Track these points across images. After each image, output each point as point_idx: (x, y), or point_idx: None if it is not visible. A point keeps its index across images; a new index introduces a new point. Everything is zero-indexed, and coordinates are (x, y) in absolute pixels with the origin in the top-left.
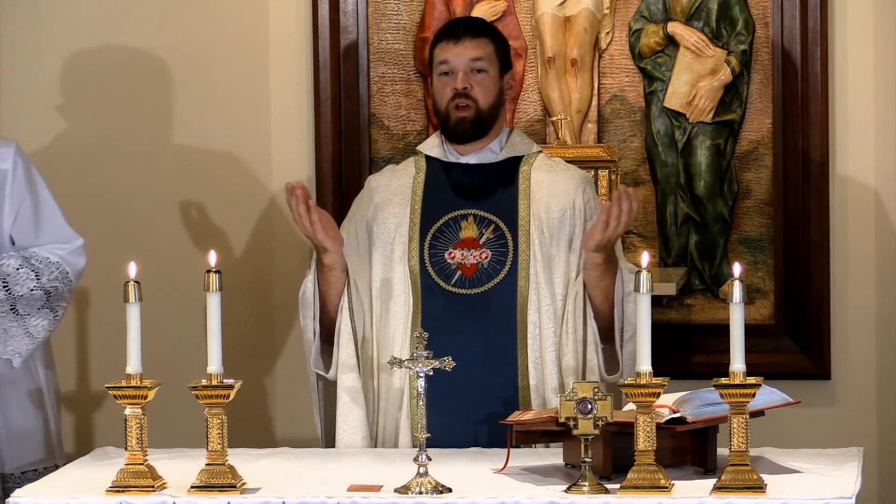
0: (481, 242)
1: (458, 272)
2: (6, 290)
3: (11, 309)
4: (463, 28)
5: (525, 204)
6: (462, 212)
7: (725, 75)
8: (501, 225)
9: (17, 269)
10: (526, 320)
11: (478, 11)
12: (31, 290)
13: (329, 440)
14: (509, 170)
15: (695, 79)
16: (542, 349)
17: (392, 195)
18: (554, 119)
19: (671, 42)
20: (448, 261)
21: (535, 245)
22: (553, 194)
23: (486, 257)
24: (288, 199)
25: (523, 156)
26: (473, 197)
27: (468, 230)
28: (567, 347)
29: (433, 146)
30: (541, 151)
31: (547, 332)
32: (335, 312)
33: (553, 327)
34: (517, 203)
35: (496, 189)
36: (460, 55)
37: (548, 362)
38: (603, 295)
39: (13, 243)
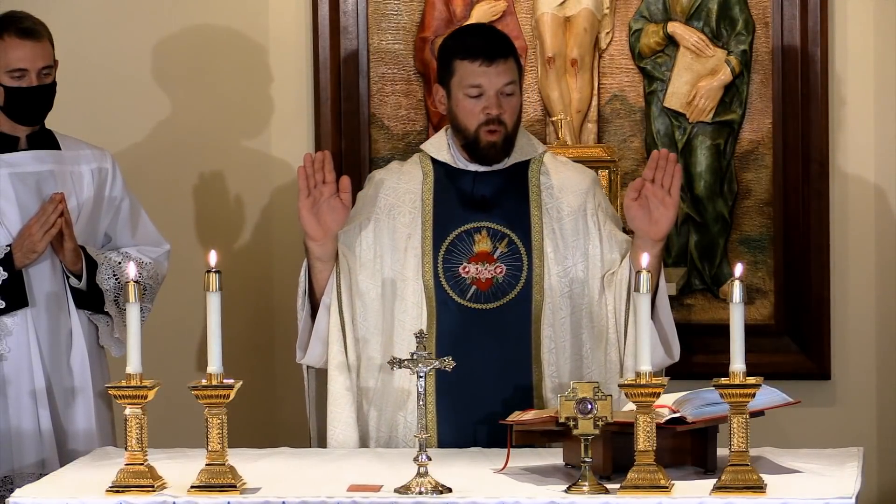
0: (496, 257)
1: (474, 287)
2: (116, 279)
3: (115, 300)
4: (492, 47)
5: (537, 215)
6: (475, 225)
7: (725, 75)
8: (515, 239)
9: (119, 263)
10: (541, 334)
11: (478, 11)
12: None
13: (321, 439)
14: (518, 176)
15: (695, 79)
16: (559, 363)
17: (400, 201)
18: (554, 119)
19: (671, 42)
20: (463, 275)
21: (549, 258)
22: (564, 199)
23: (500, 272)
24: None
25: (530, 159)
26: (485, 208)
27: (482, 244)
28: (591, 363)
29: (440, 149)
30: (546, 151)
31: (562, 345)
32: (319, 299)
33: (570, 340)
34: (529, 215)
35: (508, 199)
36: (494, 80)
37: (565, 376)
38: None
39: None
